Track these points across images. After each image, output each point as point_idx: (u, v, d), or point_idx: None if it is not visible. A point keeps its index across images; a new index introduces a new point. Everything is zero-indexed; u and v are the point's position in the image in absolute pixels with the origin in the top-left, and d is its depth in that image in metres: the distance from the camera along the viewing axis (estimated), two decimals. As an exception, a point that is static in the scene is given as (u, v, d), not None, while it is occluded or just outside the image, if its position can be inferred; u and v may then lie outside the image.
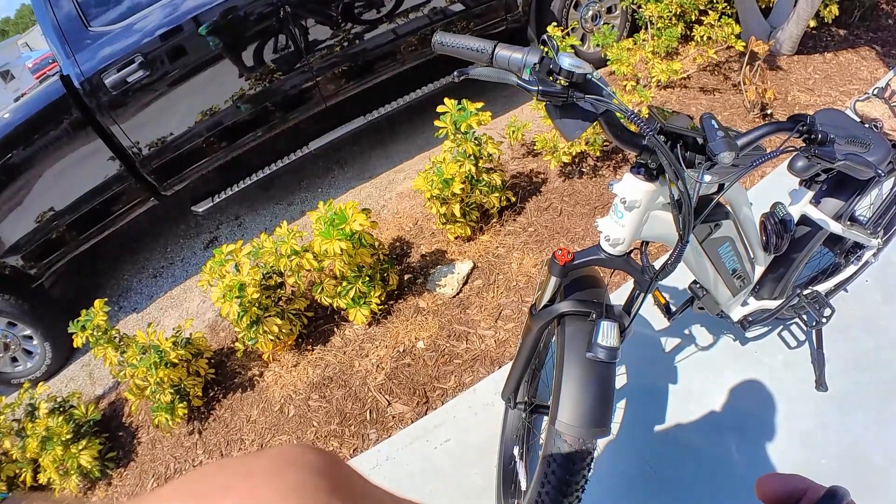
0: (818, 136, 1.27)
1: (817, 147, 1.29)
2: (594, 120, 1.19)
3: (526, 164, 3.54)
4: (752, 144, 1.25)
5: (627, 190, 1.34)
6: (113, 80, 2.92)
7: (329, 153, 3.89)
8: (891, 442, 2.14)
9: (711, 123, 1.19)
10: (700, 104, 3.79)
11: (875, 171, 1.54)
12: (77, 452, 2.48)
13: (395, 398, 2.51)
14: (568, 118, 1.18)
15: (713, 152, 1.15)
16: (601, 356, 1.42)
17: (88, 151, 3.09)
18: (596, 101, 1.13)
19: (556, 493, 1.47)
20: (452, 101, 2.84)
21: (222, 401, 2.74)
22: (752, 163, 1.28)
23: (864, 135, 1.53)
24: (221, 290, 2.44)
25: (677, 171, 1.17)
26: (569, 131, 1.19)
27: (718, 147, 1.14)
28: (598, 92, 1.15)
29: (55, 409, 2.60)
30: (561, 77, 1.11)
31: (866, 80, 3.90)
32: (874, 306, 2.55)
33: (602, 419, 1.43)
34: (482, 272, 2.92)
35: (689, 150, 1.24)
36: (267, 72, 3.27)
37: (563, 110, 1.17)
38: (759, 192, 3.05)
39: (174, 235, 3.93)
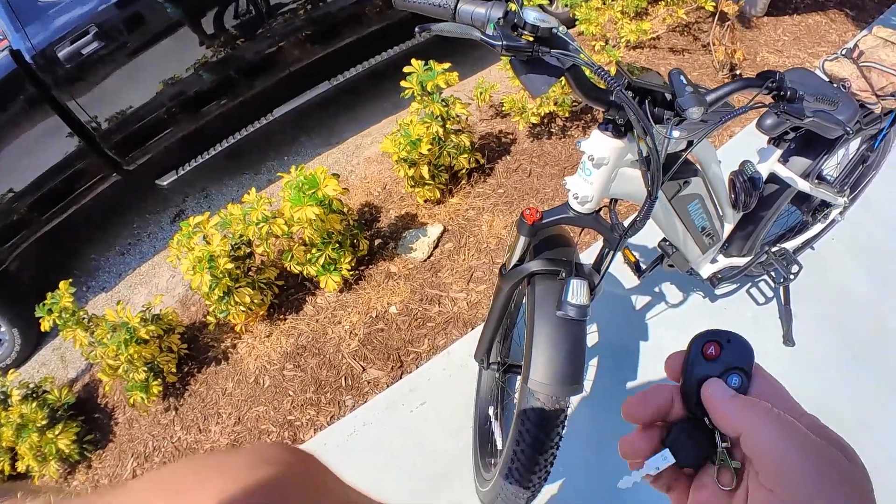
0: (787, 93, 1.26)
1: (786, 104, 1.28)
2: (561, 75, 1.16)
3: (494, 125, 3.51)
4: (721, 100, 1.23)
5: (595, 147, 1.33)
6: (67, 53, 2.79)
7: (295, 120, 3.81)
8: (857, 400, 2.19)
9: (680, 79, 1.17)
10: (669, 64, 3.78)
11: (843, 129, 1.54)
12: (54, 437, 2.44)
13: (369, 364, 2.50)
14: (534, 74, 1.15)
15: (682, 107, 1.13)
16: (571, 314, 1.42)
17: (45, 129, 2.97)
18: (562, 55, 1.11)
19: (530, 450, 1.48)
20: (419, 61, 2.79)
21: (197, 375, 2.71)
22: (721, 119, 1.27)
23: (832, 93, 1.52)
24: (191, 262, 2.40)
25: (645, 127, 1.15)
26: (535, 87, 1.17)
27: (687, 102, 1.13)
28: (565, 46, 1.12)
29: (28, 396, 2.55)
30: (526, 32, 1.09)
31: (835, 42, 3.92)
32: (840, 263, 2.59)
33: (574, 377, 1.43)
34: (453, 235, 2.91)
35: (657, 106, 1.22)
36: (228, 38, 3.17)
37: (528, 66, 1.15)
38: (728, 151, 3.07)
39: (140, 211, 3.85)
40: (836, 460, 0.39)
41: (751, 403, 0.43)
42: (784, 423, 0.41)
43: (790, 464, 0.38)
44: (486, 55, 3.94)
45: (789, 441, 0.39)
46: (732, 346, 0.48)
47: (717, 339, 0.48)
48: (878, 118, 1.93)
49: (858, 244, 2.68)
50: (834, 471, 0.38)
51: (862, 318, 2.43)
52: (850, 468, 0.39)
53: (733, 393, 0.45)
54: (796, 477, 0.37)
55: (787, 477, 0.38)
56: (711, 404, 0.45)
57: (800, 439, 0.39)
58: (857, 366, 2.29)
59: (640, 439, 0.48)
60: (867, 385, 2.24)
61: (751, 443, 0.41)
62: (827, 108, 1.44)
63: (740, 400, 0.44)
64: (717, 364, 0.47)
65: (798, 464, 0.38)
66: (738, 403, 0.43)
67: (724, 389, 0.45)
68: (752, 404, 0.43)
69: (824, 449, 0.39)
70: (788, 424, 0.41)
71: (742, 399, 0.44)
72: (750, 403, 0.43)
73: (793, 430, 0.40)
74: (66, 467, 2.59)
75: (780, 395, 0.46)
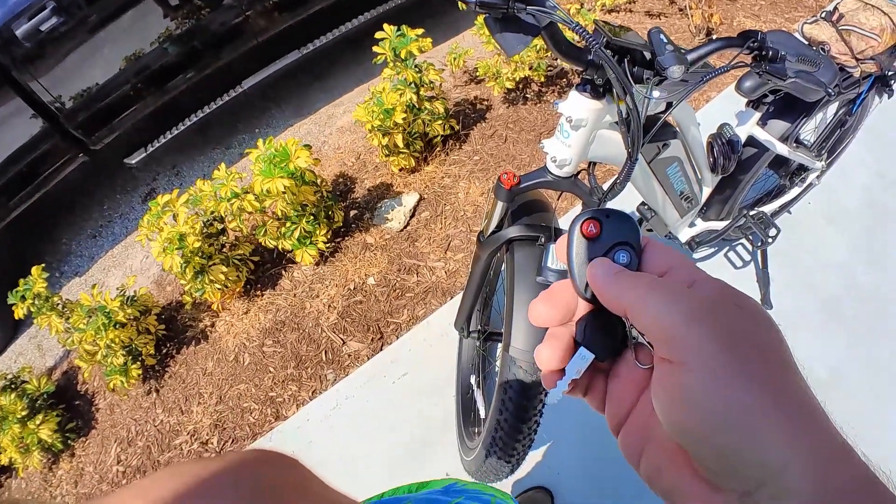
0: (769, 53, 1.24)
1: (768, 64, 1.26)
2: (537, 34, 1.12)
3: (469, 91, 3.46)
4: (702, 60, 1.21)
5: (573, 108, 1.29)
6: (24, 31, 2.67)
7: (265, 91, 3.73)
8: (832, 357, 2.23)
9: (660, 37, 1.14)
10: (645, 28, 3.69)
11: (825, 91, 1.53)
12: (36, 428, 2.40)
13: (349, 336, 2.49)
14: (509, 32, 1.11)
15: (662, 66, 1.10)
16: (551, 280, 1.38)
17: (6, 111, 2.86)
18: (539, 12, 1.06)
19: (513, 419, 1.48)
20: (391, 27, 2.72)
21: (176, 356, 2.68)
22: (702, 79, 1.24)
23: (813, 55, 1.50)
24: (161, 244, 2.35)
25: (625, 87, 1.13)
26: (510, 46, 1.13)
27: (668, 61, 1.10)
28: (542, 3, 1.07)
29: (7, 387, 2.51)
30: None
31: (811, 7, 3.91)
32: (817, 227, 2.62)
33: None
34: (429, 203, 2.88)
35: (636, 66, 1.19)
36: (193, 9, 3.06)
37: (503, 24, 1.11)
38: (706, 115, 3.06)
39: (110, 191, 3.76)
40: (736, 323, 0.36)
41: (633, 277, 0.40)
42: (669, 292, 0.38)
43: (680, 332, 0.35)
44: (458, 20, 3.88)
45: (676, 308, 0.36)
46: (612, 221, 0.44)
47: (595, 216, 0.44)
48: (857, 82, 1.92)
49: (833, 207, 2.70)
50: (735, 336, 0.35)
51: (835, 279, 2.47)
52: (756, 331, 0.36)
53: (618, 269, 0.42)
54: (691, 343, 0.35)
55: (681, 345, 0.35)
56: (595, 286, 0.42)
57: (689, 305, 0.36)
58: (830, 324, 2.32)
59: (553, 345, 0.44)
60: (840, 341, 2.28)
61: (638, 318, 0.38)
62: (809, 68, 1.42)
63: (624, 276, 0.41)
64: (600, 243, 0.44)
65: (687, 330, 0.35)
66: (621, 279, 0.40)
67: (607, 267, 0.42)
68: (635, 278, 0.40)
69: (721, 312, 0.36)
70: (674, 293, 0.38)
71: (625, 274, 0.41)
72: (632, 277, 0.40)
73: (678, 296, 0.37)
74: (49, 457, 2.55)
75: (677, 265, 0.42)
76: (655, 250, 0.43)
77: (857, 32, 1.78)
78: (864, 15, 1.79)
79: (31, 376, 2.61)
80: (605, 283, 0.41)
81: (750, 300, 0.39)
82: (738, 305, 0.37)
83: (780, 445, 0.31)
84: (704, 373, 0.34)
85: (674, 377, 0.35)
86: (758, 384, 0.33)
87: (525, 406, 1.46)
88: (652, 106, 1.31)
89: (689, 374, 0.34)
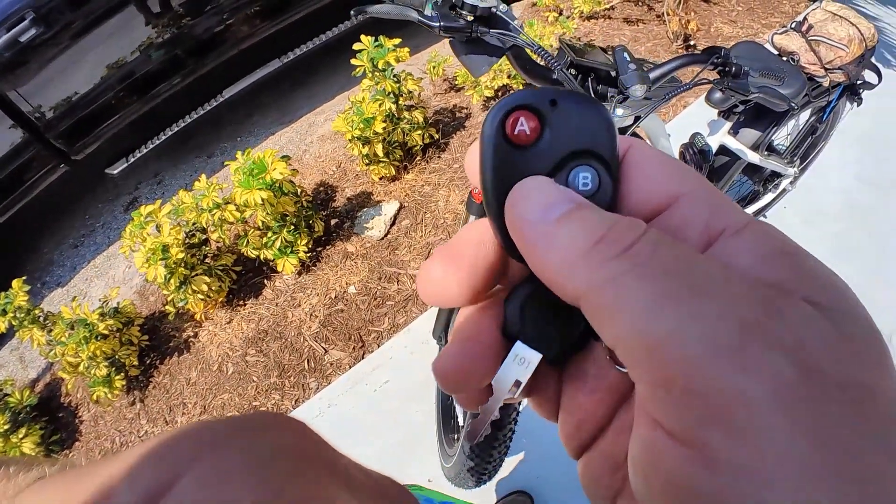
0: (732, 69, 1.27)
1: (731, 80, 1.29)
2: (502, 55, 1.15)
3: (449, 99, 3.49)
4: (665, 77, 1.24)
5: None
6: (3, 42, 2.69)
7: (247, 99, 3.74)
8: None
9: (624, 56, 1.17)
10: (624, 35, 3.78)
11: (788, 104, 1.57)
12: (18, 441, 2.39)
13: (331, 345, 2.50)
14: (474, 54, 1.14)
15: (625, 85, 1.13)
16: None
17: (-14, 123, 2.87)
18: (502, 35, 1.10)
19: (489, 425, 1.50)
20: (369, 37, 2.74)
21: (160, 367, 2.68)
22: (666, 95, 1.27)
23: (778, 67, 1.54)
24: (144, 254, 2.35)
25: None
26: (475, 68, 1.16)
27: (630, 80, 1.13)
28: (505, 26, 1.10)
29: (-11, 401, 2.50)
30: (465, 12, 1.07)
31: (788, 13, 3.95)
32: (793, 230, 2.65)
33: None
34: (409, 212, 2.90)
35: (601, 83, 1.22)
36: (175, 17, 3.07)
37: (468, 46, 1.14)
38: (681, 123, 3.10)
39: (92, 201, 3.75)
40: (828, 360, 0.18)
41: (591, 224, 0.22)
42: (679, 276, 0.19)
43: (709, 384, 0.18)
44: (438, 28, 3.89)
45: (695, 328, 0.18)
46: (562, 112, 0.24)
47: (531, 103, 0.24)
48: (827, 91, 1.96)
49: (809, 209, 2.74)
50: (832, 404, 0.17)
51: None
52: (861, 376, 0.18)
53: (567, 200, 0.22)
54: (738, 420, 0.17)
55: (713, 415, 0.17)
56: (519, 237, 0.23)
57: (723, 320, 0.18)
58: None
59: (466, 345, 0.26)
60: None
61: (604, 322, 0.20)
62: (772, 83, 1.46)
63: (576, 218, 0.22)
64: (540, 153, 0.24)
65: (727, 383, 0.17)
66: (568, 228, 0.22)
67: (545, 199, 0.22)
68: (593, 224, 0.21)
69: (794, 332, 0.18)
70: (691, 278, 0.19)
71: (579, 216, 0.22)
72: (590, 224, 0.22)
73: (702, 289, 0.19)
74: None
75: (689, 191, 0.23)
76: (646, 161, 0.24)
77: (826, 43, 1.82)
78: (833, 26, 1.83)
79: (14, 389, 2.60)
80: (536, 236, 0.22)
81: (830, 276, 0.22)
82: (815, 303, 0.20)
83: None
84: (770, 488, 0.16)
85: (692, 467, 0.18)
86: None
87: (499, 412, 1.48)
88: (618, 121, 1.34)
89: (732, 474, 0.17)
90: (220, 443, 0.25)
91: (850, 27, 1.82)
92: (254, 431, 0.26)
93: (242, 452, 0.24)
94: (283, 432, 0.27)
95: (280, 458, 0.25)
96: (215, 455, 0.24)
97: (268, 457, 0.25)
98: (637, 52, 3.58)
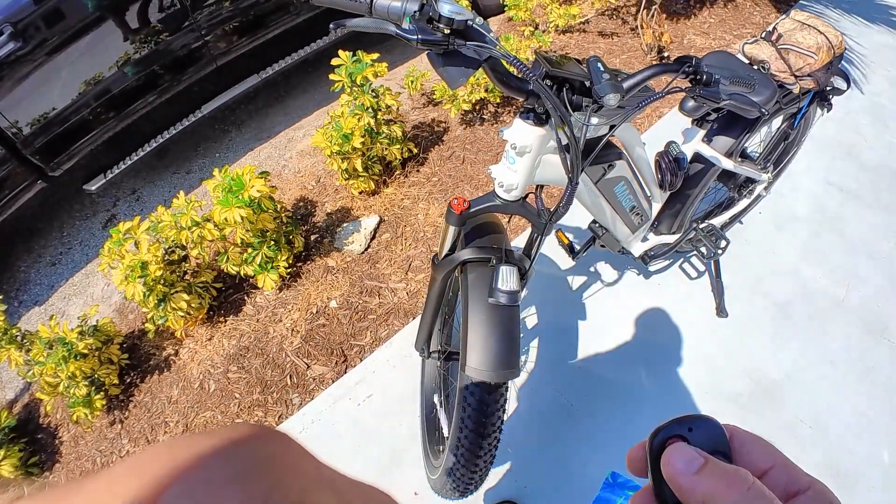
0: (703, 77, 1.30)
1: (703, 88, 1.32)
2: (478, 67, 1.17)
3: (427, 113, 3.51)
4: (638, 86, 1.26)
5: (517, 135, 1.35)
6: (-20, 56, 2.68)
7: (225, 115, 3.74)
8: (785, 358, 2.31)
9: (597, 66, 1.19)
10: (599, 48, 3.84)
11: (758, 111, 1.61)
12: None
13: (313, 360, 2.50)
14: (451, 66, 1.16)
15: (598, 95, 1.16)
16: (502, 300, 1.44)
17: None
18: (478, 47, 1.12)
19: (473, 435, 1.51)
20: (347, 52, 2.76)
21: (140, 385, 2.65)
22: (639, 104, 1.30)
23: (748, 75, 1.58)
24: (123, 272, 2.34)
25: (562, 115, 1.18)
26: (452, 79, 1.17)
27: (604, 90, 1.15)
28: (481, 39, 1.13)
29: (-35, 424, 2.45)
30: (442, 24, 1.09)
31: (759, 24, 4.04)
32: (767, 235, 2.72)
33: (510, 360, 1.46)
34: (389, 225, 2.91)
35: (576, 94, 1.25)
36: (152, 33, 3.07)
37: (445, 58, 1.15)
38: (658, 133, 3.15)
39: (69, 218, 3.71)
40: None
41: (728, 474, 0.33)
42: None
43: None
44: (416, 42, 3.92)
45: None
46: (697, 433, 0.38)
47: (677, 432, 0.38)
48: (797, 97, 2.01)
49: (783, 215, 2.80)
50: None
51: (786, 283, 2.55)
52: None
53: (703, 456, 0.35)
54: None
55: None
56: (674, 481, 0.35)
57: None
58: (784, 327, 2.41)
59: None
60: (793, 343, 2.36)
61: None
62: (743, 90, 1.49)
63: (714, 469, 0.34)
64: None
65: None
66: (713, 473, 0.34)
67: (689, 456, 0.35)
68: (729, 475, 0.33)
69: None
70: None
71: (715, 467, 0.34)
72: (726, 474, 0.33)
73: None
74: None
75: (779, 464, 0.36)
76: (746, 443, 0.37)
77: (795, 51, 1.86)
78: (802, 34, 1.87)
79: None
80: (690, 480, 0.34)
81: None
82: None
83: None
84: None
85: None
86: None
87: (484, 423, 1.49)
88: (593, 129, 1.36)
89: None
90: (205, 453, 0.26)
91: (818, 35, 1.86)
92: (237, 442, 0.28)
93: (227, 462, 0.26)
94: (266, 443, 0.29)
95: (264, 468, 0.26)
96: (200, 465, 0.25)
97: (252, 466, 0.26)
98: (612, 64, 3.64)
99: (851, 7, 4.25)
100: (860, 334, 2.38)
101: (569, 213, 1.46)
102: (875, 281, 2.55)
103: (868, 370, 2.27)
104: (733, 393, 2.20)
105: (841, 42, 1.90)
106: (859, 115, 3.35)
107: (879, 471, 2.01)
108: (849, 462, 2.02)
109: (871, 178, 3.00)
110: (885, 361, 2.30)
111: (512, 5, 3.58)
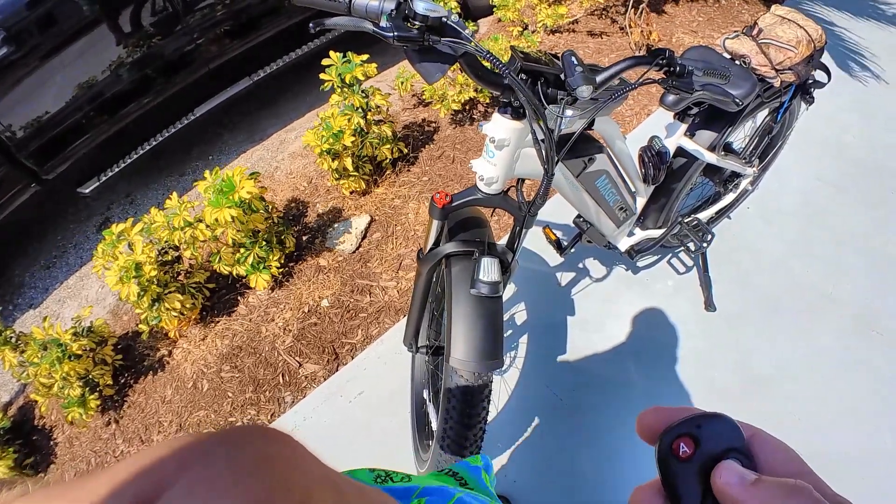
0: (677, 69, 1.32)
1: (676, 79, 1.34)
2: (454, 62, 1.20)
3: (417, 114, 3.54)
4: (612, 79, 1.29)
5: (496, 129, 1.38)
6: (-27, 60, 2.69)
7: (218, 117, 3.76)
8: (775, 352, 2.32)
9: (571, 60, 1.22)
10: (587, 47, 3.86)
11: (733, 101, 1.63)
12: (-8, 466, 2.36)
13: (305, 359, 2.51)
14: (427, 62, 1.19)
15: (571, 87, 1.19)
16: (484, 291, 1.46)
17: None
18: (453, 43, 1.14)
19: (459, 426, 1.52)
20: (337, 53, 2.78)
21: (135, 386, 2.67)
22: (613, 96, 1.32)
23: (723, 66, 1.60)
24: (117, 272, 2.35)
25: (535, 108, 1.20)
26: (429, 75, 1.20)
27: (576, 81, 1.18)
28: (456, 35, 1.15)
29: (-39, 427, 2.46)
30: (417, 22, 1.11)
31: (747, 21, 4.07)
32: (755, 229, 2.73)
33: (493, 351, 1.48)
34: (380, 225, 2.94)
35: (550, 87, 1.27)
36: (145, 36, 3.09)
37: (422, 54, 1.18)
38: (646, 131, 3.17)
39: (63, 221, 3.73)
40: None
41: (783, 487, 0.33)
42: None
43: None
44: (407, 43, 3.94)
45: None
46: (708, 430, 0.37)
47: (686, 431, 0.37)
48: (779, 91, 2.03)
49: (771, 209, 2.82)
50: None
51: (775, 277, 2.57)
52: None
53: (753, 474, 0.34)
54: None
55: None
56: (727, 498, 0.34)
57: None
58: (773, 321, 2.42)
59: None
60: (783, 337, 2.37)
61: None
62: (717, 81, 1.51)
63: (766, 484, 0.33)
64: (702, 460, 0.36)
65: None
66: (766, 489, 0.33)
67: (740, 475, 0.34)
68: (787, 489, 0.33)
69: None
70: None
71: (767, 483, 0.33)
72: (781, 487, 0.33)
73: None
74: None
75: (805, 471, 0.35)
76: (769, 448, 0.37)
77: (775, 45, 1.89)
78: (782, 28, 1.90)
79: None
80: (743, 496, 0.33)
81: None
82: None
83: None
84: None
85: None
86: None
87: (469, 413, 1.51)
88: (572, 123, 1.39)
89: None
90: (207, 453, 0.26)
91: (797, 29, 1.89)
92: (240, 441, 0.28)
93: (229, 462, 0.26)
94: (268, 443, 0.29)
95: (266, 468, 0.26)
96: (202, 465, 0.25)
97: (254, 466, 0.26)
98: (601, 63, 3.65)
99: (840, 2, 4.27)
100: (848, 328, 2.39)
101: (556, 211, 1.49)
102: (862, 275, 2.57)
103: (856, 363, 2.29)
104: (722, 386, 2.22)
105: (821, 36, 1.93)
106: (845, 110, 3.37)
107: (868, 462, 2.02)
108: (836, 454, 2.04)
109: (858, 173, 3.03)
110: (873, 354, 2.31)
111: (500, 5, 3.61)
